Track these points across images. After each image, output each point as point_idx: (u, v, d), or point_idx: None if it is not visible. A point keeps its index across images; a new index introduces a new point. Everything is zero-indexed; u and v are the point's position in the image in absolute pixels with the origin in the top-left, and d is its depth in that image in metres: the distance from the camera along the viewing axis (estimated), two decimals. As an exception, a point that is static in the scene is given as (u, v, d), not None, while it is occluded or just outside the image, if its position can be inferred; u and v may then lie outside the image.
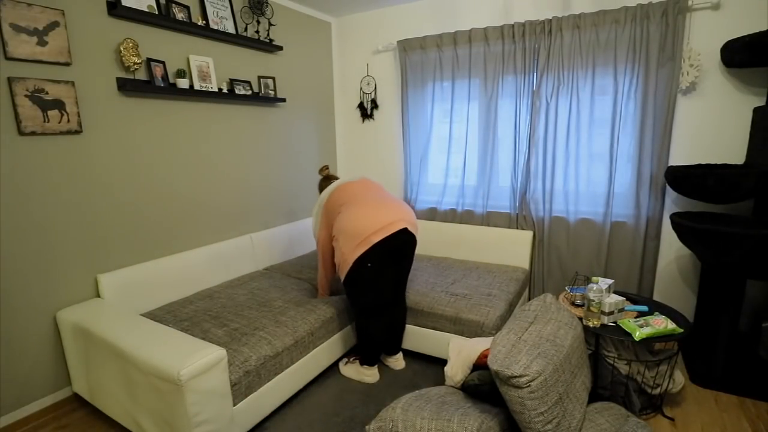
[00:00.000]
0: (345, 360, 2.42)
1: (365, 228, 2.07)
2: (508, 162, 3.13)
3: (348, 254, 2.09)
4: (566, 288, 2.39)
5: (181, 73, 2.45)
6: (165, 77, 2.40)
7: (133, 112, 2.32)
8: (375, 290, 2.19)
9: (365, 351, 2.28)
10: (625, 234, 2.81)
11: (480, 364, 2.03)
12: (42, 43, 1.92)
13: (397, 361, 2.44)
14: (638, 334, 1.85)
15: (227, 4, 2.76)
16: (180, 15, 2.46)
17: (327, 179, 2.58)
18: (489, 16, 3.08)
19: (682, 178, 2.31)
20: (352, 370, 2.35)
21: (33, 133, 1.94)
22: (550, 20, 2.77)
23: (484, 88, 3.09)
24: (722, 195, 2.19)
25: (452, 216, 3.41)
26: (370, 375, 2.30)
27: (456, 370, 2.01)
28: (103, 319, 1.96)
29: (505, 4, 3.01)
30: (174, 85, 2.47)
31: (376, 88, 3.66)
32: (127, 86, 2.22)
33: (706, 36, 2.45)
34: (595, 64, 2.70)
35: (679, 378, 2.07)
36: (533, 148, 2.98)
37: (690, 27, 2.47)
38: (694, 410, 2.04)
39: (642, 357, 2.02)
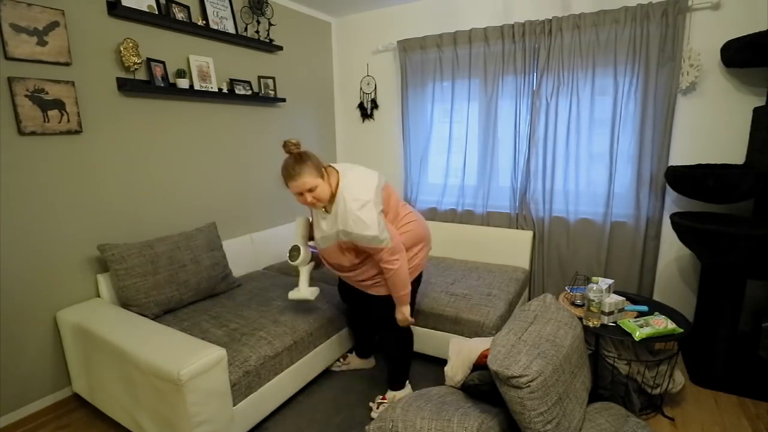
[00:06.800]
0: (377, 404, 2.06)
1: (429, 233, 2.06)
2: (508, 162, 3.13)
3: (423, 260, 2.01)
4: (566, 288, 2.39)
5: (181, 73, 2.45)
6: (165, 77, 2.40)
7: (133, 112, 2.32)
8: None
9: (405, 370, 2.10)
10: (625, 234, 2.80)
11: (480, 365, 2.03)
12: (42, 43, 1.92)
13: (371, 362, 2.46)
14: (638, 334, 1.85)
15: (227, 4, 2.76)
16: (180, 15, 2.46)
17: (317, 158, 1.75)
18: (489, 16, 3.08)
19: (682, 178, 2.31)
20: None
21: (33, 133, 1.94)
22: (550, 20, 2.77)
23: (484, 88, 3.09)
24: (722, 195, 2.19)
25: (452, 216, 3.41)
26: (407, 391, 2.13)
27: (456, 370, 2.01)
28: (103, 319, 1.96)
29: (505, 4, 3.01)
30: (174, 85, 2.47)
31: (376, 88, 3.66)
32: (127, 86, 2.22)
33: (706, 36, 2.45)
34: (595, 64, 2.70)
35: (679, 378, 2.07)
36: (533, 148, 2.98)
37: (690, 27, 2.47)
38: (694, 410, 2.04)
39: (642, 357, 2.02)
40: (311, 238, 2.10)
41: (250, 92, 2.94)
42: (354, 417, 2.02)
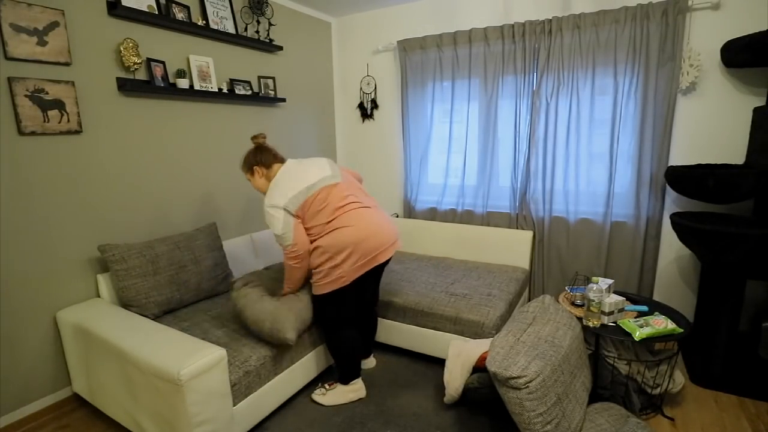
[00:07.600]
0: (320, 390, 2.17)
1: (374, 247, 1.93)
2: (508, 162, 3.13)
3: (348, 273, 1.92)
4: (566, 288, 2.39)
5: (181, 73, 2.45)
6: (165, 77, 2.40)
7: (133, 112, 2.32)
8: (354, 303, 2.08)
9: (345, 365, 2.12)
10: (625, 234, 2.80)
11: (479, 367, 2.03)
12: (42, 43, 1.93)
13: (370, 362, 2.46)
14: (638, 334, 1.85)
15: (227, 4, 2.76)
16: (180, 15, 2.46)
17: (267, 154, 2.03)
18: (489, 16, 3.08)
19: (682, 178, 2.31)
20: (335, 396, 2.13)
21: (33, 133, 1.94)
22: (550, 20, 2.77)
23: (484, 88, 3.09)
24: (722, 195, 2.19)
25: (452, 216, 3.41)
26: (358, 390, 2.15)
27: (455, 375, 2.01)
28: (103, 319, 1.96)
29: (505, 4, 3.01)
30: (174, 85, 2.47)
31: (376, 88, 3.66)
32: (127, 86, 2.22)
33: (706, 36, 2.45)
34: (595, 64, 2.70)
35: (679, 378, 2.07)
36: (533, 148, 2.98)
37: (690, 27, 2.47)
38: (694, 410, 2.04)
39: (642, 357, 2.02)
40: None
41: (250, 92, 2.94)
42: (354, 417, 2.02)
